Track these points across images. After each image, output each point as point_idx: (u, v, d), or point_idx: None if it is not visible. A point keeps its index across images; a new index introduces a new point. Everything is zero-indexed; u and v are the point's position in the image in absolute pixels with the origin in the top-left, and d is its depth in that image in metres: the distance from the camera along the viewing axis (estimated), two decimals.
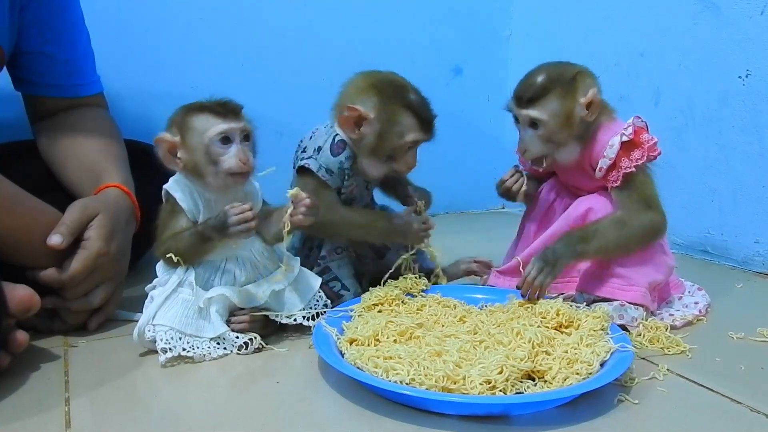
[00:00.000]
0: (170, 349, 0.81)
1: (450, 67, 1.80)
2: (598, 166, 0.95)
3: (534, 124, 0.94)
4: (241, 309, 0.88)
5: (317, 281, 0.92)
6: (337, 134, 0.96)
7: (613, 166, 0.94)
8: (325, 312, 0.90)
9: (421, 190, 1.04)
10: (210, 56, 1.51)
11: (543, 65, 0.96)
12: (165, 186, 0.87)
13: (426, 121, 0.95)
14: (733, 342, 0.91)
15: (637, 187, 0.94)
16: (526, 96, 0.94)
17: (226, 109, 0.84)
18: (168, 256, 0.84)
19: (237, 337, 0.85)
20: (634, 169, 0.92)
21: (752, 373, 0.81)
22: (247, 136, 0.85)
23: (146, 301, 0.86)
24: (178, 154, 0.84)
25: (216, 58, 1.52)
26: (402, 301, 0.94)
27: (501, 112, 1.62)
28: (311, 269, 0.95)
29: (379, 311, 0.91)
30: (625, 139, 0.93)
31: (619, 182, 0.93)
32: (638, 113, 0.96)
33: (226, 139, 0.83)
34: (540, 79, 0.94)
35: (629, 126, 0.93)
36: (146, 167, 0.92)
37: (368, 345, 0.80)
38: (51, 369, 0.81)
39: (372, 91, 0.93)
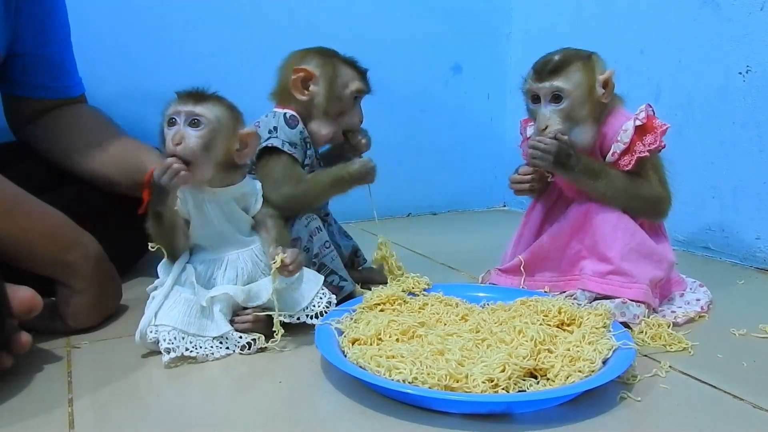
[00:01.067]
0: (173, 349, 0.81)
1: (450, 65, 1.80)
2: (611, 151, 0.95)
3: (556, 97, 0.93)
4: (245, 308, 0.88)
5: (320, 279, 0.92)
6: (285, 112, 0.99)
7: (627, 150, 0.94)
8: (327, 311, 0.90)
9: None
10: (211, 56, 1.51)
11: (556, 50, 0.96)
12: None
13: (363, 72, 1.03)
14: (735, 338, 0.91)
15: (650, 169, 0.96)
16: (547, 68, 0.93)
17: (187, 93, 0.84)
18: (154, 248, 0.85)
19: (240, 337, 0.85)
20: (647, 154, 0.94)
21: (754, 369, 0.81)
22: (195, 122, 0.83)
23: (148, 301, 0.86)
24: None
25: (216, 58, 1.52)
26: (404, 300, 0.94)
27: (501, 109, 1.61)
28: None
29: (381, 310, 0.91)
30: (638, 123, 0.94)
31: (631, 166, 0.94)
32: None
33: (172, 121, 0.84)
34: (558, 55, 0.94)
35: (642, 111, 0.94)
36: None
37: (371, 344, 0.80)
38: (54, 370, 0.81)
39: (311, 54, 1.01)
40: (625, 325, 0.89)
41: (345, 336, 0.83)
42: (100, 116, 1.14)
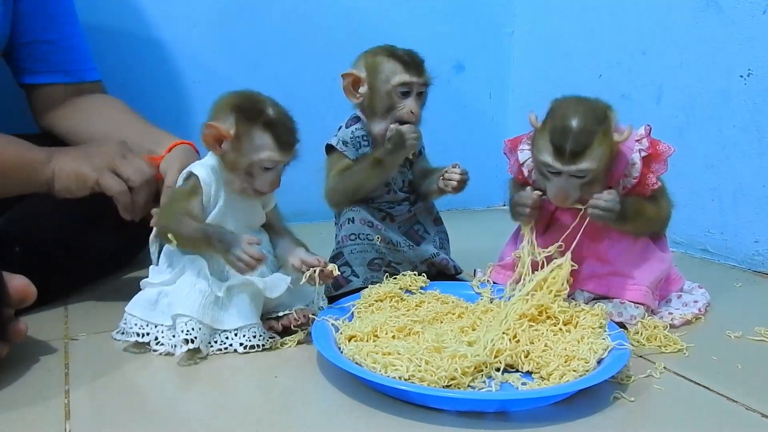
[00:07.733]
0: (192, 339, 0.80)
1: (452, 64, 1.80)
2: (621, 185, 0.92)
3: (579, 175, 0.88)
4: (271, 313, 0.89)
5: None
6: (354, 113, 1.04)
7: (638, 183, 0.91)
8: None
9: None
10: (214, 54, 1.52)
11: (564, 105, 0.88)
12: (191, 167, 0.87)
13: (408, 62, 1.00)
14: (730, 341, 0.91)
15: (659, 194, 0.94)
16: (569, 150, 0.85)
17: (287, 140, 0.85)
18: (168, 234, 0.83)
19: (272, 338, 0.85)
20: (659, 184, 0.92)
21: (748, 372, 0.82)
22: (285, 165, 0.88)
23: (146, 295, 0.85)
24: (224, 144, 0.84)
25: (219, 54, 1.52)
26: (401, 298, 0.94)
27: (503, 109, 1.61)
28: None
29: (379, 308, 0.91)
30: (643, 154, 0.91)
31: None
32: (640, 111, 0.95)
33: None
34: (576, 127, 0.85)
35: (642, 138, 0.91)
36: None
37: (367, 341, 0.81)
38: (51, 361, 0.82)
39: (362, 55, 1.02)
40: (621, 325, 0.90)
41: (341, 332, 0.83)
42: (117, 104, 1.16)
